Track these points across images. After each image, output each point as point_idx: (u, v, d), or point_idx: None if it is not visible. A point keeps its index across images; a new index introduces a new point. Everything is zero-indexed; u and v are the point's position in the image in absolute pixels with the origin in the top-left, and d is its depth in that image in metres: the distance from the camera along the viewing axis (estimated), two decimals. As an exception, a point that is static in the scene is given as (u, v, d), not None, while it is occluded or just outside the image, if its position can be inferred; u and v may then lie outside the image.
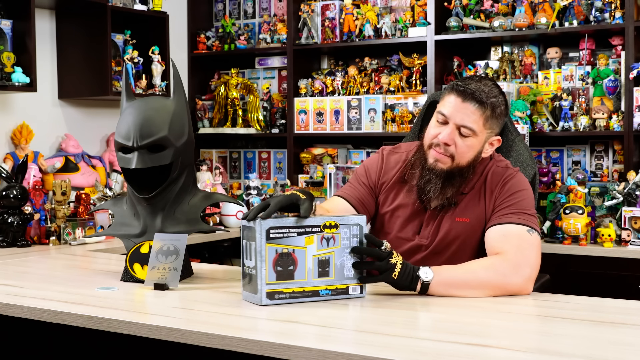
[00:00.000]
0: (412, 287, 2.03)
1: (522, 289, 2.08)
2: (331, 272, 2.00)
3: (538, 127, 4.02)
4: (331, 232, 1.99)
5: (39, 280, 2.50)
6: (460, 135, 2.19)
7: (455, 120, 2.19)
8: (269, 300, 1.94)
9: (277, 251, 1.93)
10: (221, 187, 4.60)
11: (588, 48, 4.07)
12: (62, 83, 4.20)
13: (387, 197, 2.38)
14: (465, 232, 2.26)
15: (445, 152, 2.20)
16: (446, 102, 2.22)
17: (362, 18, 4.47)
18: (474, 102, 2.18)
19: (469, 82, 2.21)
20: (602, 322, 1.85)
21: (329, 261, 1.99)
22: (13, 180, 3.36)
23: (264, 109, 4.84)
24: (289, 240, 1.95)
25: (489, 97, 2.19)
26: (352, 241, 2.01)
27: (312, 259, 1.98)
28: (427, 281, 2.02)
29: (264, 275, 1.93)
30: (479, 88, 2.19)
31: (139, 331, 1.83)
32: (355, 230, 2.02)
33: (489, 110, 2.19)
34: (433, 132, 2.23)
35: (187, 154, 2.41)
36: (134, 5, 4.30)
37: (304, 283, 1.97)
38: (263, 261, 1.92)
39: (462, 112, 2.18)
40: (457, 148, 2.20)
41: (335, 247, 2.00)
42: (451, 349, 1.59)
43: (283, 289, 1.95)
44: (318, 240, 1.98)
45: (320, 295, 1.99)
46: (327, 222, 1.98)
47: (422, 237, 2.30)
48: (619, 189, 3.67)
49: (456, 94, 2.20)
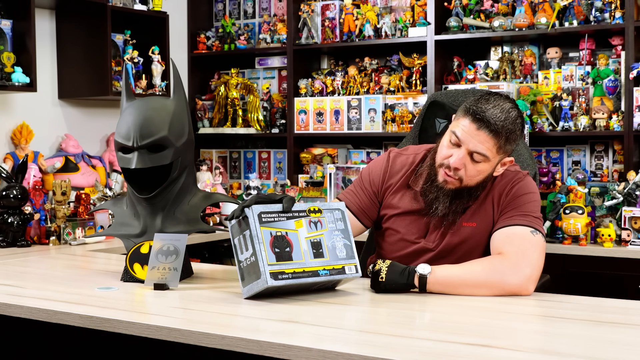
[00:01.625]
0: (408, 282, 2.05)
1: (522, 288, 2.07)
2: (325, 254, 2.04)
3: (538, 127, 4.02)
4: (317, 217, 2.06)
5: (39, 280, 2.50)
6: (472, 161, 2.15)
7: (468, 146, 2.14)
8: (273, 280, 1.94)
9: (271, 234, 1.97)
10: (221, 187, 4.60)
11: (588, 48, 4.07)
12: (62, 83, 4.20)
13: (392, 199, 2.35)
14: (472, 237, 2.26)
15: (454, 175, 2.17)
16: (460, 125, 2.15)
17: (362, 18, 4.47)
18: (489, 132, 2.11)
19: (485, 105, 2.13)
20: (602, 322, 1.85)
21: (321, 243, 2.04)
22: (13, 180, 3.36)
23: (264, 109, 4.85)
24: (281, 224, 2.00)
25: (505, 125, 2.11)
26: (337, 224, 2.09)
27: (305, 241, 2.02)
28: (424, 274, 2.04)
29: (264, 256, 1.94)
30: (494, 115, 2.11)
31: (139, 331, 1.83)
32: (338, 215, 2.11)
33: (504, 139, 2.13)
34: (445, 152, 2.19)
35: (187, 154, 2.41)
36: (134, 5, 4.30)
37: (303, 264, 2.00)
38: (261, 243, 1.95)
39: (475, 139, 2.12)
40: (467, 172, 2.16)
41: (323, 229, 2.06)
42: (451, 349, 1.59)
43: (285, 269, 1.97)
44: (307, 223, 2.04)
45: (320, 275, 2.02)
46: (311, 207, 2.06)
47: (428, 240, 2.29)
48: (619, 189, 3.67)
49: (471, 119, 2.12)
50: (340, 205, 2.12)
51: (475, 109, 2.13)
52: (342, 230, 2.09)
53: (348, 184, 4.31)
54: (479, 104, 2.14)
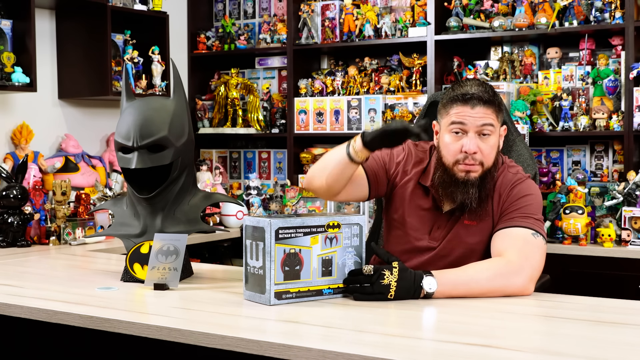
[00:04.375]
0: (414, 296, 2.03)
1: (524, 289, 2.08)
2: (334, 272, 2.03)
3: (538, 127, 4.02)
4: (334, 232, 2.03)
5: (39, 280, 2.50)
6: (482, 137, 2.19)
7: (475, 124, 2.18)
8: (277, 300, 1.95)
9: (285, 251, 1.95)
10: (221, 187, 4.59)
11: (588, 48, 4.07)
12: (62, 83, 4.20)
13: (404, 191, 2.34)
14: (472, 236, 2.26)
15: (474, 161, 2.19)
16: (453, 115, 2.20)
17: (362, 18, 4.47)
18: (483, 103, 2.19)
19: (464, 88, 2.21)
20: (602, 322, 1.85)
21: (332, 260, 2.03)
22: (13, 180, 3.36)
23: (264, 109, 4.84)
24: (296, 241, 1.97)
25: (489, 92, 2.22)
26: (353, 240, 2.06)
27: (317, 258, 2.00)
28: (431, 292, 2.03)
29: (273, 275, 1.94)
30: (477, 90, 2.20)
31: (139, 331, 1.83)
32: (356, 230, 2.07)
33: (497, 104, 2.22)
34: (454, 147, 2.20)
35: (187, 154, 2.41)
36: (134, 5, 4.30)
37: (309, 282, 1.99)
38: (272, 261, 1.93)
39: (476, 116, 2.18)
40: (484, 152, 2.20)
41: (337, 246, 2.04)
42: (451, 349, 1.59)
43: (290, 289, 1.97)
44: (322, 240, 2.01)
45: (324, 294, 2.02)
46: (331, 222, 2.02)
47: (432, 238, 2.30)
48: (619, 189, 3.67)
49: (461, 104, 2.19)
50: (360, 220, 2.08)
51: (459, 94, 2.20)
52: (356, 246, 2.07)
53: (348, 184, 4.30)
54: (458, 90, 2.22)
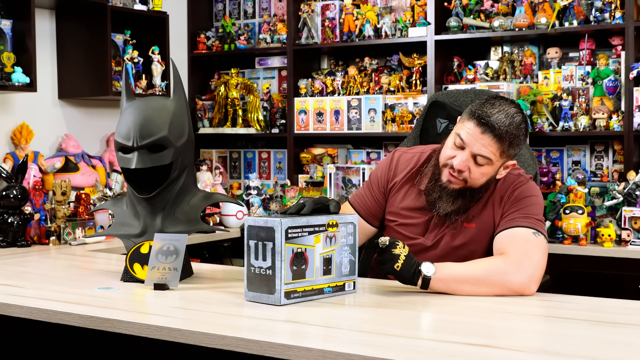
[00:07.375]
0: (414, 281, 2.04)
1: (525, 287, 2.07)
2: (333, 270, 2.05)
3: (538, 127, 4.02)
4: (333, 231, 2.04)
5: (39, 280, 2.50)
6: (476, 163, 2.17)
7: (472, 149, 2.15)
8: (286, 299, 1.95)
9: (293, 251, 1.96)
10: (221, 187, 4.59)
11: (588, 48, 4.07)
12: (62, 83, 4.20)
13: (396, 196, 2.38)
14: (473, 238, 2.26)
15: (458, 176, 2.19)
16: (465, 128, 2.17)
17: (362, 18, 4.47)
18: (493, 136, 2.13)
19: (490, 110, 2.14)
20: (602, 322, 1.85)
21: (331, 259, 2.04)
22: (13, 180, 3.36)
23: (264, 109, 4.84)
24: (302, 240, 1.98)
25: (509, 130, 2.13)
26: (348, 239, 2.08)
27: (319, 257, 2.02)
28: (428, 276, 2.03)
29: (283, 275, 1.94)
30: (499, 120, 2.12)
31: (139, 331, 1.83)
32: (350, 229, 2.10)
33: (507, 143, 2.15)
34: (449, 153, 2.21)
35: (187, 154, 2.41)
36: (134, 5, 4.30)
37: (312, 281, 2.01)
38: (283, 261, 1.93)
39: (479, 142, 2.14)
40: (471, 174, 2.18)
41: (335, 245, 2.06)
42: (451, 349, 1.59)
43: (297, 288, 1.97)
44: (324, 238, 2.02)
45: (324, 293, 2.03)
46: (330, 221, 2.04)
47: (426, 238, 2.30)
48: (619, 189, 3.67)
49: (476, 123, 2.14)
50: (353, 219, 2.10)
51: (480, 113, 2.14)
52: (350, 245, 2.10)
53: (348, 184, 4.31)
54: (484, 107, 2.15)
